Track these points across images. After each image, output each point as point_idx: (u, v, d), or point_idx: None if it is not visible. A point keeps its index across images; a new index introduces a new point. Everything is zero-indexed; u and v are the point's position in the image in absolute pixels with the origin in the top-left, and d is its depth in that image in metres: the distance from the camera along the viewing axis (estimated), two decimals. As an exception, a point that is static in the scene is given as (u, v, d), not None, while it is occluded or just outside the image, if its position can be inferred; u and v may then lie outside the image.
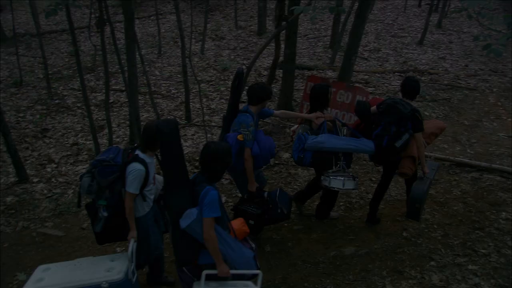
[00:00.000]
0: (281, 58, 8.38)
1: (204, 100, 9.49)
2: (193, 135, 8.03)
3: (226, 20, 15.79)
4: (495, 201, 5.83)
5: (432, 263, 4.70)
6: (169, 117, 3.34)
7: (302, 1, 8.58)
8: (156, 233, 4.08)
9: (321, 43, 13.47)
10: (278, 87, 9.25)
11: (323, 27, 14.97)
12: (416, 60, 11.99)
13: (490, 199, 5.90)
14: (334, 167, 4.80)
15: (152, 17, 15.49)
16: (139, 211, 3.88)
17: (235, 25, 14.97)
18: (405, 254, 4.87)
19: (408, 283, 4.42)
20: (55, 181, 6.65)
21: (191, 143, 7.72)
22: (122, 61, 7.40)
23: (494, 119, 8.62)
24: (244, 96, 5.12)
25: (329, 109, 5.57)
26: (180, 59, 8.62)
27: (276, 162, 6.95)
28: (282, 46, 8.09)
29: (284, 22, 6.46)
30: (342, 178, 4.73)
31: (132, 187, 3.67)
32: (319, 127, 4.90)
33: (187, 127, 8.29)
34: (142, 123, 8.09)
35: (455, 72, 11.16)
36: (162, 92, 10.10)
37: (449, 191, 6.11)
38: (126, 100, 8.08)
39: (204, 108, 8.96)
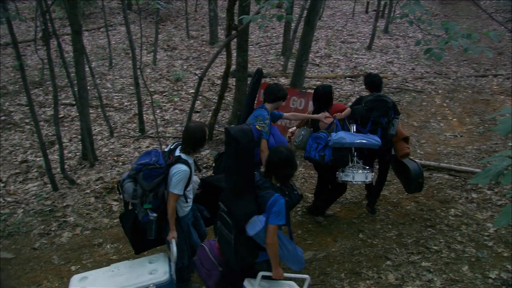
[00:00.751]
0: (233, 67, 8.42)
1: (158, 111, 9.39)
2: (147, 147, 7.91)
3: (178, 30, 15.70)
4: (445, 198, 6.05)
5: (388, 262, 4.81)
6: (244, 126, 3.49)
7: (254, 7, 8.66)
8: (195, 233, 4.15)
9: (273, 50, 13.62)
10: (231, 95, 9.27)
11: (274, 34, 15.15)
12: (366, 64, 12.31)
13: (440, 197, 6.11)
14: (350, 162, 4.98)
15: (101, 29, 15.20)
16: (180, 211, 3.94)
17: (187, 35, 14.92)
18: (362, 255, 4.96)
19: (366, 284, 4.50)
20: (3, 201, 6.38)
21: (146, 155, 7.60)
22: (72, 75, 7.22)
23: (441, 119, 8.96)
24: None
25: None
26: (132, 70, 8.49)
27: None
28: (234, 54, 8.12)
29: (234, 31, 6.49)
30: (365, 172, 4.96)
31: (177, 188, 3.71)
32: (328, 126, 5.03)
33: (141, 139, 8.17)
34: (94, 136, 7.93)
35: (403, 75, 11.54)
36: (115, 105, 9.91)
37: (402, 191, 6.27)
38: (77, 114, 7.88)
39: (158, 120, 8.86)
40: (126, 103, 10.00)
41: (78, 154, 7.74)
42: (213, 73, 11.53)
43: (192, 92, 10.05)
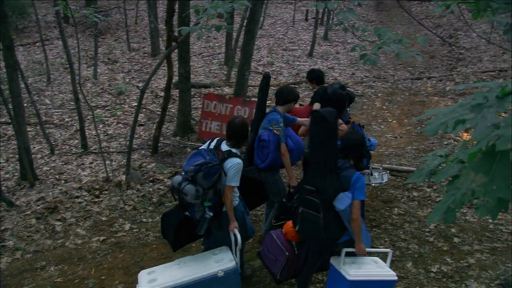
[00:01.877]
0: (176, 78, 8.36)
1: (101, 126, 9.16)
2: (91, 163, 7.68)
3: (118, 43, 15.41)
4: (388, 198, 6.26)
5: (337, 264, 4.90)
6: (329, 108, 3.77)
7: (194, 17, 8.65)
8: (248, 220, 4.32)
9: (216, 60, 13.65)
10: (175, 107, 9.19)
11: (217, 44, 15.18)
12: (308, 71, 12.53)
13: (383, 197, 6.32)
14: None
15: (37, 43, 14.68)
16: (234, 201, 4.09)
17: (128, 48, 14.67)
18: (311, 259, 5.03)
19: (316, 287, 4.57)
20: None
21: (90, 171, 7.38)
22: (6, 92, 6.93)
23: (382, 122, 9.29)
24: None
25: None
26: (71, 85, 8.24)
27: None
28: (177, 66, 8.06)
29: (174, 43, 6.45)
30: (387, 172, 5.30)
31: (234, 180, 3.87)
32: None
33: (84, 156, 7.93)
34: (34, 155, 7.62)
35: (343, 80, 11.86)
36: (55, 121, 9.58)
37: (347, 193, 6.44)
38: (14, 132, 7.55)
39: (101, 135, 8.64)
40: (67, 119, 9.69)
41: (16, 174, 7.41)
42: (156, 85, 11.40)
43: (135, 105, 9.88)
